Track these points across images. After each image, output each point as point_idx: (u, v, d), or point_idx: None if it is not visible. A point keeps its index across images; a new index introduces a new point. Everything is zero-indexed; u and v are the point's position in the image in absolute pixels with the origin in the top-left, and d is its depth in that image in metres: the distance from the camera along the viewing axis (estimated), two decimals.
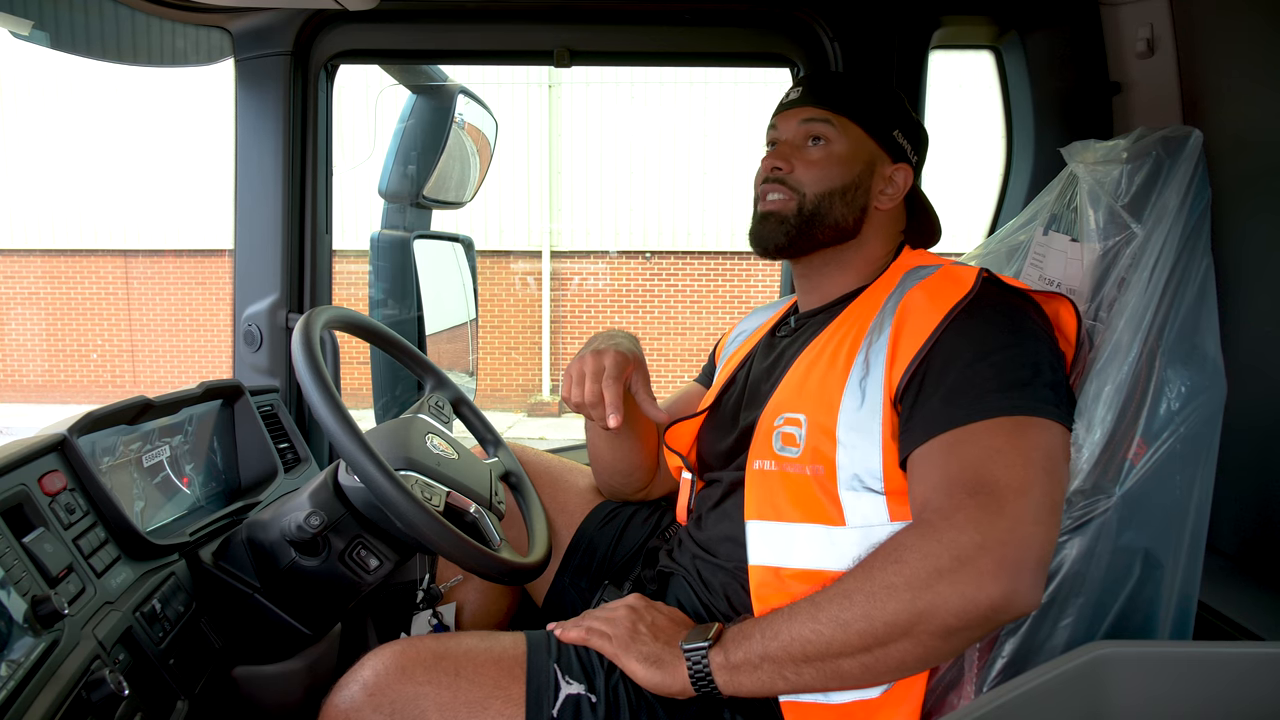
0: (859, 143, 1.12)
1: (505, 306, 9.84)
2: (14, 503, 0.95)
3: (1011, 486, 0.81)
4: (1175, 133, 0.97)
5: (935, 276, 1.04)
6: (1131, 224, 0.98)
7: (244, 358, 1.71)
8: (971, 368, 0.91)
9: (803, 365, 1.08)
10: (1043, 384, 0.89)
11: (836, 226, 1.12)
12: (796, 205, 1.11)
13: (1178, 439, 0.88)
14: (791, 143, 1.14)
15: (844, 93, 1.14)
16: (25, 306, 10.23)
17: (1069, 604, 0.86)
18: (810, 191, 1.11)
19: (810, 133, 1.13)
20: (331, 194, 1.78)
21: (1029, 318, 0.96)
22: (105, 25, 1.60)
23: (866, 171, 1.12)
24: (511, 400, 9.93)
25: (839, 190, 1.11)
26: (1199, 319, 0.91)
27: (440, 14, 1.67)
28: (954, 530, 0.80)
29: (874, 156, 1.13)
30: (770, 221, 1.13)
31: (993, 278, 1.00)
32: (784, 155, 1.13)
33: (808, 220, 1.11)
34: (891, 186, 1.14)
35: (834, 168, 1.11)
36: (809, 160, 1.12)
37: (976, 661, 0.88)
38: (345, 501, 1.14)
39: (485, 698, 0.96)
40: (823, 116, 1.12)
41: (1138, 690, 0.70)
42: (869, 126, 1.13)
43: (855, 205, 1.12)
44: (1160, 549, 0.89)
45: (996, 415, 0.86)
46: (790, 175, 1.12)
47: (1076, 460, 0.89)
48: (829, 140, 1.12)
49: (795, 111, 1.15)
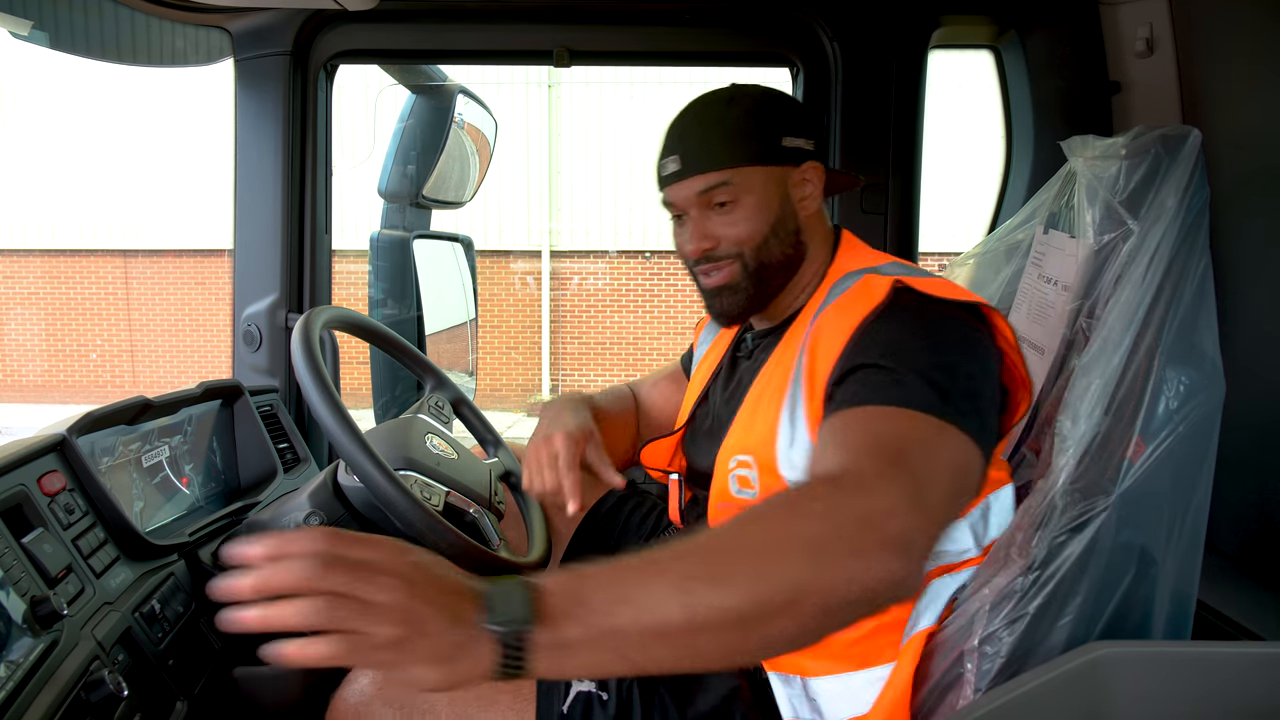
0: (762, 179, 1.04)
1: (505, 306, 9.84)
2: (13, 503, 0.95)
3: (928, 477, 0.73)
4: (1174, 131, 0.97)
5: (850, 291, 0.97)
6: (1128, 220, 0.97)
7: (243, 358, 1.71)
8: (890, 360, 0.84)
9: (752, 397, 1.04)
10: (961, 393, 0.82)
11: (784, 263, 1.06)
12: (741, 268, 1.05)
13: (1176, 438, 0.88)
14: (698, 216, 1.06)
15: (723, 140, 1.04)
16: (25, 306, 10.23)
17: (1067, 604, 0.86)
18: (746, 249, 1.04)
19: (712, 200, 1.04)
20: (331, 194, 1.78)
21: (949, 322, 0.90)
22: (105, 25, 1.60)
23: (781, 196, 1.05)
24: (511, 400, 9.93)
25: (770, 233, 1.04)
26: (1197, 318, 0.91)
27: (440, 14, 1.67)
28: (872, 495, 0.68)
29: (780, 178, 1.05)
30: (724, 294, 1.07)
31: (906, 286, 0.92)
32: (703, 233, 1.05)
33: (758, 275, 1.05)
34: (808, 188, 1.07)
35: (755, 217, 1.03)
36: (727, 224, 1.04)
37: (976, 661, 0.88)
38: (345, 501, 1.14)
39: (496, 692, 0.97)
40: (715, 181, 1.03)
41: (1137, 690, 0.70)
42: (759, 157, 1.04)
43: (790, 232, 1.06)
44: (1158, 548, 0.89)
45: (921, 410, 0.79)
46: (718, 249, 1.05)
47: (1061, 455, 0.89)
48: (736, 198, 1.03)
49: (684, 185, 1.05)
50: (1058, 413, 0.93)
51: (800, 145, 1.07)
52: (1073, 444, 0.88)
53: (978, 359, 0.88)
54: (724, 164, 1.03)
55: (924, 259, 1.65)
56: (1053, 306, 1.14)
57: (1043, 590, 0.85)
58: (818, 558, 0.64)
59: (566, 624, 0.60)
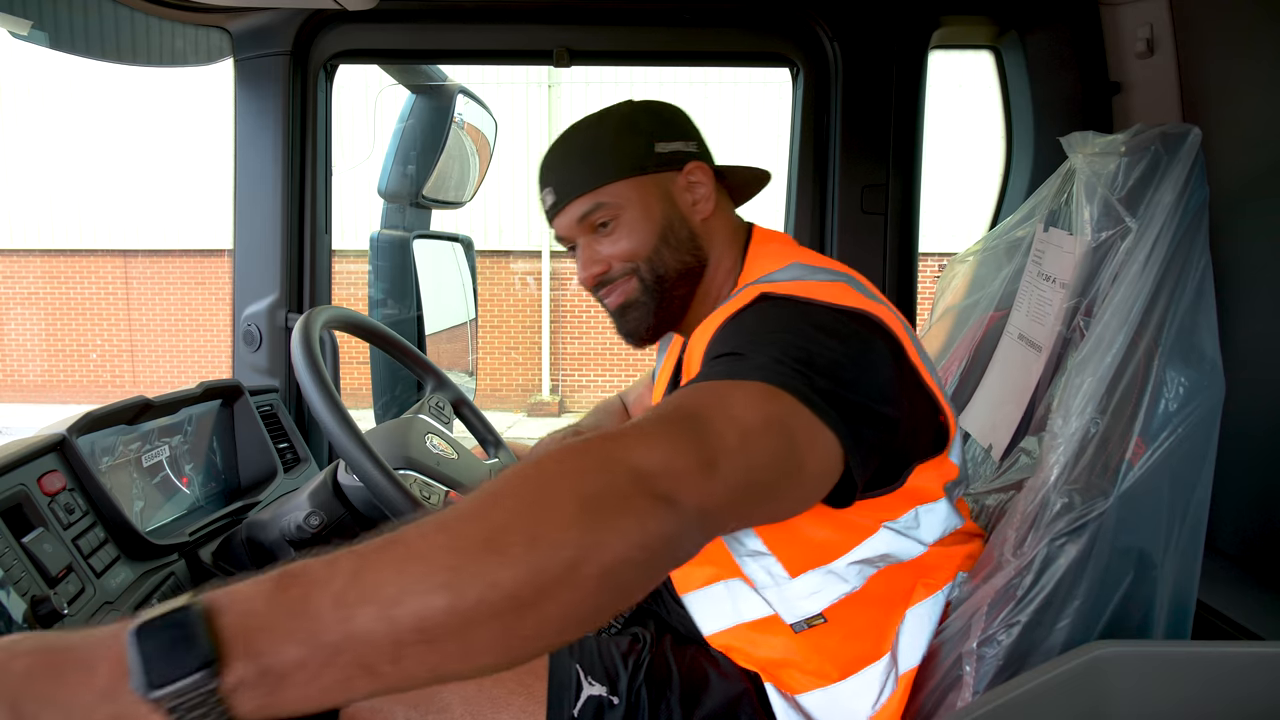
0: (640, 191, 1.01)
1: (505, 306, 9.84)
2: (13, 503, 0.96)
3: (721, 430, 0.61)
4: (1175, 129, 0.97)
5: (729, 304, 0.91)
6: (1126, 217, 0.97)
7: (243, 358, 1.72)
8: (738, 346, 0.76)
9: None
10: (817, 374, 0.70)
11: (684, 273, 1.03)
12: (639, 284, 1.03)
13: (1176, 439, 0.88)
14: (586, 242, 1.04)
15: (589, 162, 1.02)
16: (25, 306, 10.23)
17: (1066, 606, 0.85)
18: (640, 263, 1.02)
19: (593, 224, 1.02)
20: (331, 194, 1.79)
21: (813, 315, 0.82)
22: (105, 25, 1.60)
23: (666, 203, 1.02)
24: (511, 400, 9.93)
25: (660, 243, 1.02)
26: (1197, 318, 0.91)
27: (440, 14, 1.67)
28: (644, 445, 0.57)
29: (660, 186, 1.02)
30: (628, 313, 1.05)
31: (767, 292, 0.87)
32: (592, 258, 1.04)
33: (657, 288, 1.03)
34: (697, 189, 1.04)
35: (639, 231, 1.01)
36: (612, 243, 1.02)
37: (975, 665, 0.88)
38: (345, 501, 1.14)
39: (508, 694, 0.97)
40: (590, 203, 1.01)
41: (1137, 690, 0.70)
42: (630, 170, 1.01)
43: (683, 239, 1.03)
44: (1158, 549, 0.89)
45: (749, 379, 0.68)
46: (610, 270, 1.03)
47: (1053, 452, 0.89)
48: (615, 215, 1.01)
49: (564, 214, 1.04)
50: (1051, 411, 0.93)
51: (677, 149, 1.04)
52: (1064, 441, 0.88)
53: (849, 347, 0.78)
54: (593, 185, 1.01)
55: (924, 259, 1.65)
56: (1050, 304, 1.14)
57: (1041, 593, 0.85)
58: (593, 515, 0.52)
59: (277, 644, 0.44)
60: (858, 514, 0.90)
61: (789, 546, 0.92)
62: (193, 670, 0.41)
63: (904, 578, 0.94)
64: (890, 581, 0.93)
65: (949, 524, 0.95)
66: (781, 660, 0.96)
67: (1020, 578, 0.86)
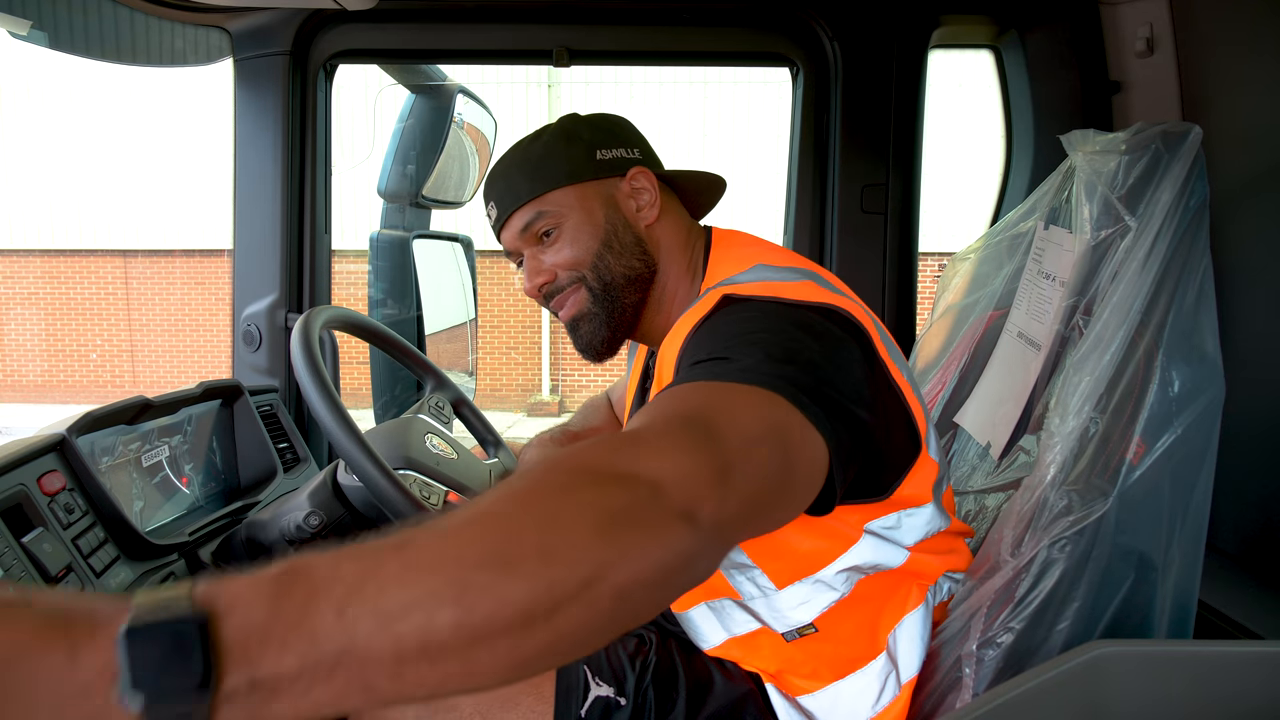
0: (580, 198, 1.01)
1: (505, 306, 9.83)
2: (13, 502, 0.96)
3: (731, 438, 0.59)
4: (1175, 127, 0.97)
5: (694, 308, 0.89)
6: (1126, 216, 0.97)
7: (243, 358, 1.72)
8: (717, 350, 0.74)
9: None
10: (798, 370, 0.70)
11: (632, 279, 1.02)
12: (587, 293, 1.02)
13: (1177, 439, 0.88)
14: (531, 253, 1.04)
15: (527, 173, 1.03)
16: (25, 306, 10.23)
17: (1065, 607, 0.85)
18: (585, 270, 1.01)
19: (536, 233, 1.03)
20: (330, 194, 1.78)
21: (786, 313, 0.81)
22: (104, 25, 1.60)
23: (609, 209, 1.02)
24: (511, 400, 9.93)
25: (602, 249, 1.01)
26: (1198, 317, 0.91)
27: (439, 14, 1.67)
28: (657, 456, 0.55)
29: (602, 192, 1.02)
30: (582, 326, 1.04)
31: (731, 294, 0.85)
32: (536, 268, 1.04)
33: (606, 296, 1.02)
34: (641, 195, 1.03)
35: (581, 237, 1.01)
36: (555, 252, 1.02)
37: (974, 666, 0.88)
38: (344, 501, 1.14)
39: (517, 693, 0.97)
40: (531, 213, 1.02)
41: (1137, 689, 0.70)
42: (569, 178, 1.01)
43: (628, 244, 1.02)
44: (1158, 550, 0.88)
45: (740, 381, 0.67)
46: (556, 280, 1.03)
47: (1049, 451, 0.89)
48: (556, 224, 1.01)
49: (507, 228, 1.04)
50: (1049, 410, 0.93)
51: (619, 155, 1.03)
52: (1061, 440, 0.88)
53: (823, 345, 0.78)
54: (533, 194, 1.01)
55: (924, 259, 1.65)
56: (1050, 302, 1.13)
57: (1040, 594, 0.85)
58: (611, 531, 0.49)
59: (273, 656, 0.40)
60: (840, 521, 0.89)
61: (774, 559, 0.92)
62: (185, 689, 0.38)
63: (891, 580, 0.94)
64: (878, 585, 0.93)
65: (932, 526, 0.94)
66: (778, 668, 0.97)
67: (1019, 579, 0.86)
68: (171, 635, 0.38)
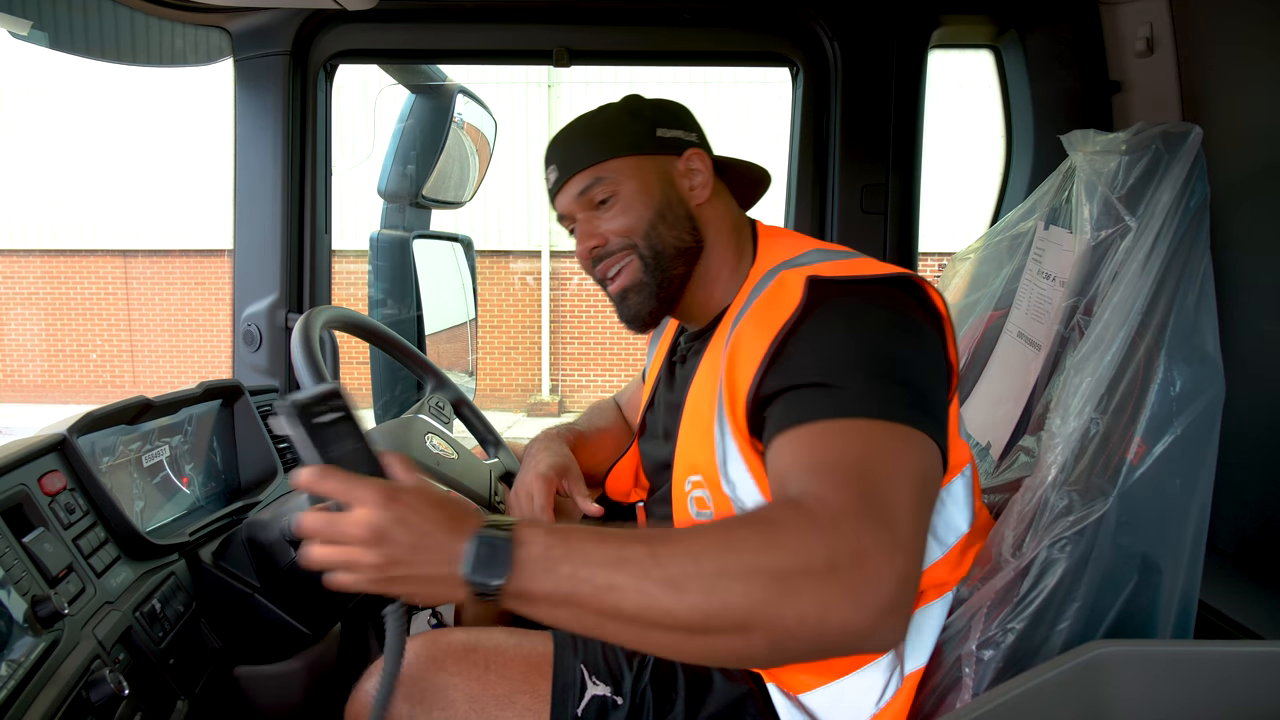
0: (640, 169, 1.05)
1: (505, 306, 9.84)
2: (14, 503, 0.96)
3: (898, 503, 0.69)
4: (1176, 128, 0.97)
5: (767, 292, 0.94)
6: (1126, 216, 0.97)
7: (243, 357, 1.72)
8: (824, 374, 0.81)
9: (690, 409, 1.03)
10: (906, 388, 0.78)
11: (682, 251, 1.05)
12: (639, 262, 1.04)
13: (1177, 439, 0.88)
14: (585, 217, 1.07)
15: (592, 139, 1.06)
16: (25, 306, 10.23)
17: (1066, 607, 0.85)
18: (637, 239, 1.04)
19: (593, 199, 1.05)
20: (330, 194, 1.78)
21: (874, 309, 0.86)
22: (105, 25, 1.60)
23: (666, 184, 1.05)
24: (511, 400, 9.93)
25: (657, 218, 1.04)
26: (1198, 317, 0.91)
27: (439, 14, 1.67)
28: (837, 530, 0.65)
29: (659, 167, 1.06)
30: (630, 296, 1.06)
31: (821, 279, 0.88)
32: (590, 231, 1.06)
33: (656, 266, 1.04)
34: (696, 176, 1.07)
35: (636, 205, 1.04)
36: (610, 218, 1.05)
37: (975, 666, 0.88)
38: None
39: (513, 692, 0.98)
40: (590, 178, 1.04)
41: (1137, 689, 0.70)
42: (631, 149, 1.05)
43: (680, 218, 1.05)
44: (1160, 551, 0.88)
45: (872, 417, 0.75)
46: (609, 244, 1.05)
47: (1050, 451, 0.89)
48: (614, 191, 1.04)
49: (565, 190, 1.07)
50: (1049, 410, 0.93)
51: (678, 135, 1.07)
52: (1062, 440, 0.88)
53: (912, 339, 0.84)
54: (595, 160, 1.05)
55: (924, 259, 1.65)
56: (1050, 302, 1.13)
57: (1041, 594, 0.85)
58: (776, 591, 0.64)
59: (535, 577, 0.68)
60: None
61: None
62: (492, 580, 0.68)
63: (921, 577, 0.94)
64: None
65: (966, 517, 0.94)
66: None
67: (1020, 579, 0.86)
68: (495, 548, 0.69)
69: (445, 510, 0.72)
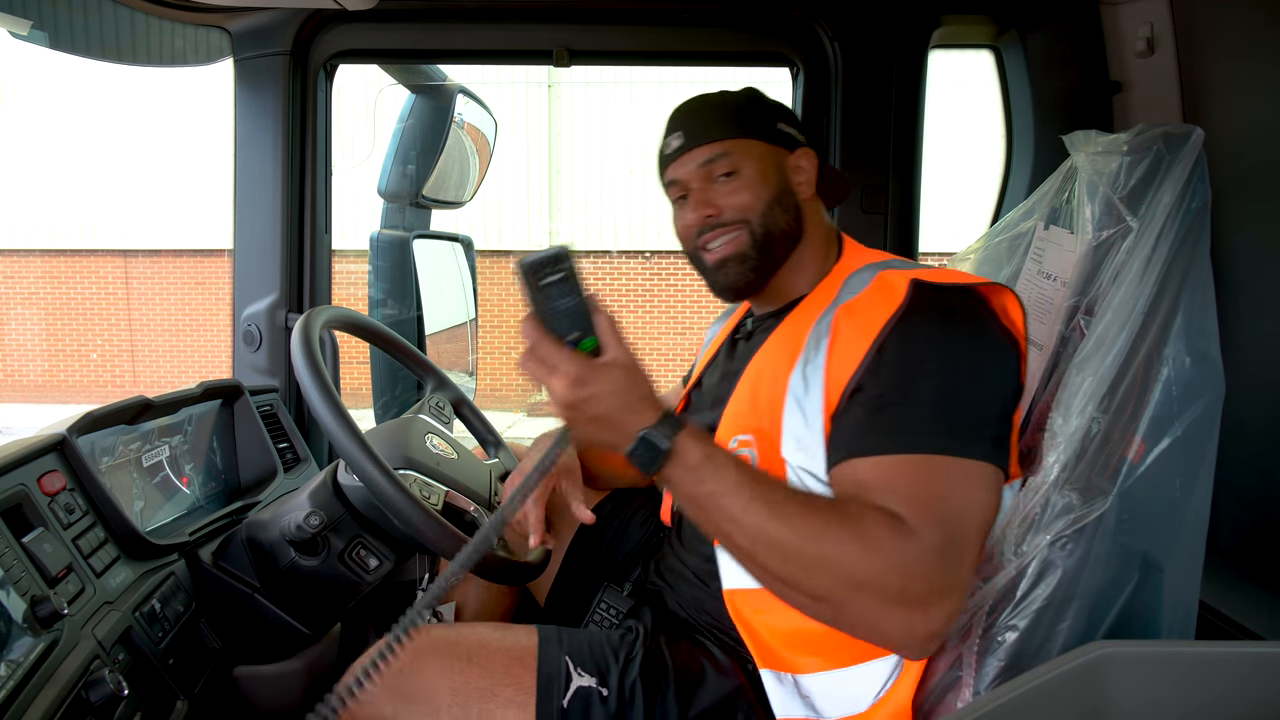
0: (762, 153, 1.09)
1: (505, 306, 9.83)
2: (13, 503, 0.96)
3: (969, 546, 0.82)
4: (1177, 129, 0.97)
5: (870, 288, 1.00)
6: (1128, 217, 0.97)
7: (243, 357, 1.72)
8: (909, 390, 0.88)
9: (750, 377, 1.06)
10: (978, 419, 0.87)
11: (787, 235, 1.09)
12: (749, 236, 1.07)
13: (1177, 439, 0.88)
14: (701, 187, 1.09)
15: (723, 116, 1.10)
16: (25, 306, 10.23)
17: (1067, 607, 0.85)
18: (752, 216, 1.07)
19: (714, 172, 1.08)
20: (330, 194, 1.78)
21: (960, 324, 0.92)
22: (105, 25, 1.60)
23: (780, 173, 1.09)
24: (511, 400, 9.92)
25: (774, 201, 1.07)
26: (1198, 317, 0.91)
27: (439, 14, 1.67)
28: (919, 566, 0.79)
29: (777, 156, 1.10)
30: (730, 266, 1.09)
31: (924, 284, 0.95)
32: (706, 201, 1.08)
33: (764, 244, 1.07)
34: (803, 173, 1.11)
35: (757, 186, 1.07)
36: (729, 193, 1.07)
37: (974, 662, 0.88)
38: (345, 501, 1.14)
39: (496, 684, 0.98)
40: (719, 151, 1.08)
41: (1138, 690, 0.70)
42: (759, 134, 1.10)
43: (790, 206, 1.09)
44: (1160, 551, 0.88)
45: (949, 454, 0.84)
46: (723, 215, 1.08)
47: (1052, 452, 0.89)
48: (737, 168, 1.07)
49: (687, 159, 1.10)
50: (1053, 409, 0.93)
51: (793, 134, 1.13)
52: (1063, 440, 0.88)
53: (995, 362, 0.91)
54: (724, 135, 1.08)
55: (924, 259, 1.65)
56: (1051, 302, 1.13)
57: (1042, 594, 0.85)
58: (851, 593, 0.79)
59: (675, 484, 0.84)
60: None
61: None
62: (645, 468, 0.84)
63: None
64: None
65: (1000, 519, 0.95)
66: (792, 632, 0.96)
67: (1021, 578, 0.86)
68: (655, 451, 0.83)
69: (628, 397, 0.82)
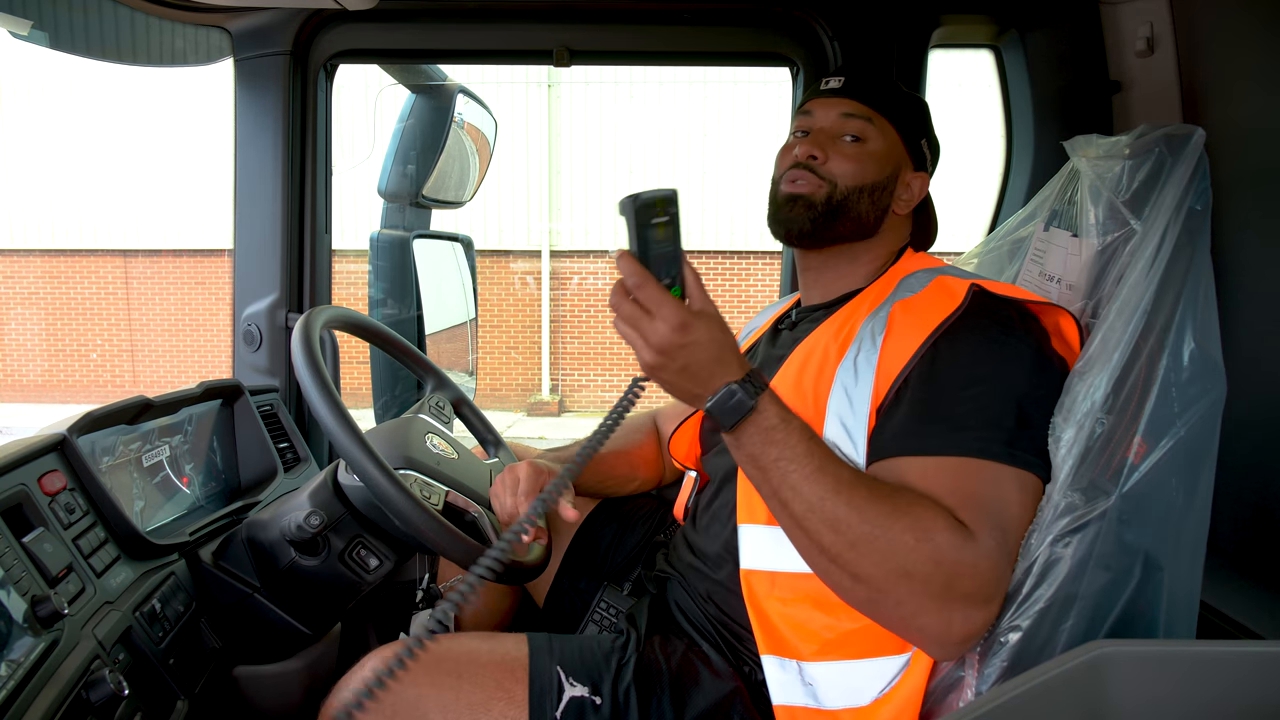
0: (893, 145, 1.11)
1: (505, 306, 9.83)
2: (14, 502, 0.96)
3: (1011, 555, 0.85)
4: (1178, 130, 0.97)
5: (928, 289, 1.02)
6: (1131, 220, 0.97)
7: (243, 357, 1.71)
8: (962, 393, 0.90)
9: (795, 362, 1.07)
10: (1027, 429, 0.89)
11: (859, 222, 1.10)
12: (826, 193, 1.09)
13: (1178, 439, 0.88)
14: (828, 133, 1.11)
15: (887, 93, 1.13)
16: (25, 306, 10.22)
17: (1069, 607, 0.85)
18: (842, 184, 1.08)
19: (848, 129, 1.10)
20: (331, 194, 1.78)
21: (1015, 335, 0.94)
22: (105, 25, 1.60)
23: (893, 175, 1.11)
24: (511, 400, 9.92)
25: (869, 187, 1.09)
26: (1199, 318, 0.91)
27: (440, 14, 1.66)
28: (974, 564, 0.81)
29: (901, 161, 1.12)
30: (798, 205, 1.10)
31: (984, 291, 0.97)
32: (820, 144, 1.10)
33: (834, 210, 1.09)
34: (909, 193, 1.14)
35: (868, 165, 1.09)
36: (844, 154, 1.09)
37: (976, 662, 0.88)
38: (345, 501, 1.14)
39: (487, 699, 0.97)
40: (865, 114, 1.10)
41: (1138, 689, 0.69)
42: (903, 131, 1.12)
43: (879, 205, 1.11)
44: (1161, 550, 0.88)
45: (1000, 461, 0.87)
46: (823, 165, 1.09)
47: (1057, 454, 0.89)
48: (866, 139, 1.10)
49: (836, 103, 1.12)
50: (1055, 413, 0.93)
51: (927, 155, 1.16)
52: (1069, 444, 0.88)
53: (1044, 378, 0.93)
54: (880, 106, 1.11)
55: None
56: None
57: (1044, 594, 0.85)
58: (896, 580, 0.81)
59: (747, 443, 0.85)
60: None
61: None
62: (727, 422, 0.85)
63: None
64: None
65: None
66: (804, 619, 0.95)
67: (1024, 578, 0.86)
68: (738, 405, 0.84)
69: (722, 348, 0.83)
